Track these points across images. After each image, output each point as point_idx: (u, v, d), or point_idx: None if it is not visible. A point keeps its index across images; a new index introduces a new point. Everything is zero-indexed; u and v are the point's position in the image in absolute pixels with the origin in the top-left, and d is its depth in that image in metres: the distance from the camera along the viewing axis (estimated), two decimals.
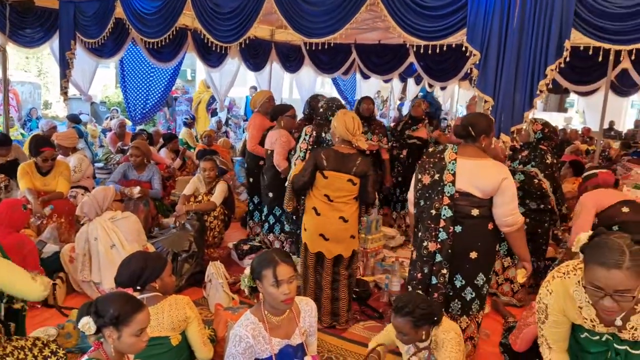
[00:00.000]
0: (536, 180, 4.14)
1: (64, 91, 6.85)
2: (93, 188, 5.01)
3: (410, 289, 3.26)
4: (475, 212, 3.02)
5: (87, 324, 2.01)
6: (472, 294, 3.14)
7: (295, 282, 2.34)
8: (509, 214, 2.98)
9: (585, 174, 4.16)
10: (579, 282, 2.02)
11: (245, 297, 4.12)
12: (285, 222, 4.92)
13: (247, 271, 2.42)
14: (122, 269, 2.64)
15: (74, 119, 8.09)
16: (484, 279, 3.14)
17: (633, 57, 3.83)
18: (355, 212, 3.66)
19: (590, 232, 1.94)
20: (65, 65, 6.56)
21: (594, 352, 2.10)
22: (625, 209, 3.56)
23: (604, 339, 2.05)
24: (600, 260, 1.78)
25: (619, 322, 1.92)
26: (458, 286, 3.13)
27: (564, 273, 2.09)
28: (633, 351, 2.02)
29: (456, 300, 3.16)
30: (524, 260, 3.17)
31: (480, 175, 2.99)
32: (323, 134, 4.14)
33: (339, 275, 3.71)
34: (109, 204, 4.10)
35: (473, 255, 3.06)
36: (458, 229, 3.04)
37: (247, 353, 2.30)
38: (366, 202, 3.70)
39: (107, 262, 3.87)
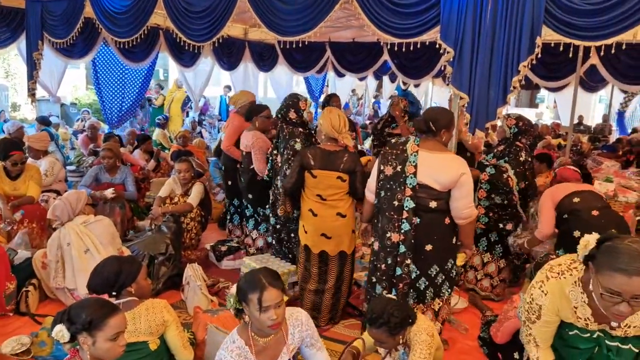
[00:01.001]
0: (505, 175, 4.16)
1: (31, 93, 6.69)
2: (65, 192, 4.89)
3: (374, 280, 3.30)
4: (433, 204, 3.08)
5: (60, 332, 1.97)
6: (425, 282, 3.21)
7: (283, 306, 2.27)
8: (465, 207, 3.07)
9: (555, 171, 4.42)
10: (575, 282, 2.01)
11: (225, 299, 4.10)
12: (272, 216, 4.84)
13: (233, 290, 2.33)
14: (95, 275, 2.57)
15: (43, 121, 7.88)
16: (437, 269, 3.20)
17: (602, 53, 3.92)
18: (351, 207, 3.67)
19: (598, 236, 1.90)
20: (32, 66, 6.41)
21: (582, 349, 2.11)
22: (576, 199, 3.76)
23: (595, 335, 2.07)
24: (620, 267, 1.75)
25: (615, 324, 1.95)
26: (413, 277, 3.19)
27: (558, 273, 2.06)
28: (623, 346, 2.05)
29: (411, 290, 3.22)
30: (467, 247, 3.33)
31: (440, 168, 3.05)
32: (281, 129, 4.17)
33: (342, 274, 3.73)
34: (81, 208, 4.01)
35: (428, 247, 3.14)
36: (417, 220, 3.11)
37: None
38: (356, 198, 3.69)
39: (82, 268, 3.79)
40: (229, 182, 5.35)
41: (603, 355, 2.08)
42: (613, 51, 3.70)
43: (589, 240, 1.89)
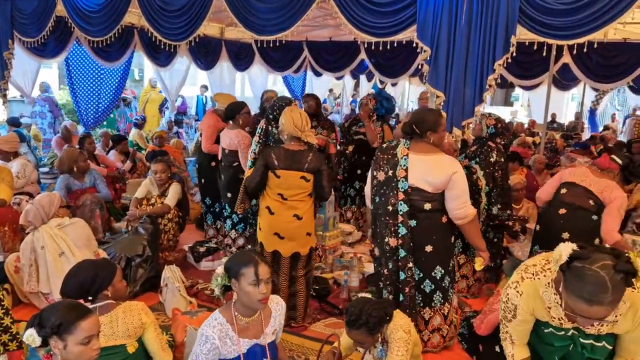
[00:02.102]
0: (475, 177, 4.18)
1: (3, 93, 6.54)
2: (39, 194, 4.78)
3: (381, 285, 3.30)
4: (427, 206, 3.09)
5: (31, 336, 1.93)
6: (431, 286, 3.20)
7: (270, 283, 2.35)
8: (459, 207, 3.07)
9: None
10: (548, 283, 2.04)
11: (204, 301, 4.07)
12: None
13: (220, 270, 2.39)
14: (69, 280, 2.51)
15: (13, 123, 7.71)
16: (442, 271, 3.19)
17: (574, 52, 4.00)
18: (310, 209, 3.63)
19: (571, 250, 1.87)
20: (3, 65, 6.26)
21: (557, 346, 2.15)
22: (564, 190, 3.85)
23: (569, 333, 2.11)
24: (584, 296, 1.76)
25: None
26: (417, 279, 3.19)
27: (532, 274, 2.09)
28: (597, 344, 2.09)
29: (417, 293, 3.21)
30: (480, 250, 3.26)
31: (430, 170, 3.05)
32: (270, 127, 4.14)
33: (296, 274, 3.69)
34: (55, 210, 3.92)
35: (428, 248, 3.13)
36: (413, 223, 3.11)
37: (211, 354, 2.31)
38: (322, 198, 3.66)
39: (56, 271, 3.71)
40: (202, 180, 5.32)
41: (578, 353, 2.13)
42: (585, 50, 3.77)
43: (561, 254, 1.86)
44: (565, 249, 1.86)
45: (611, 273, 1.74)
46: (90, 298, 2.49)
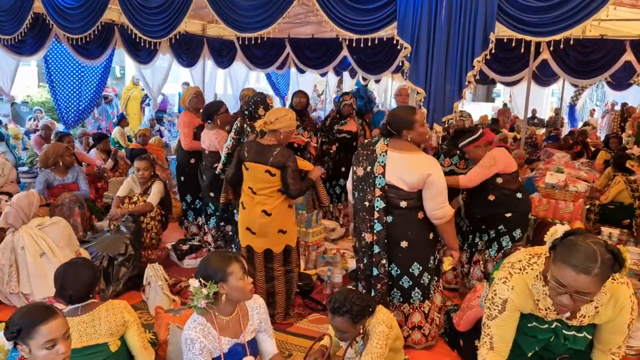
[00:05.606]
0: None
1: None
2: (18, 193, 4.72)
3: (357, 278, 3.34)
4: (403, 203, 3.10)
5: (2, 338, 1.92)
6: (409, 282, 3.21)
7: None
8: (437, 207, 3.06)
9: (473, 137, 3.92)
10: (537, 276, 2.08)
11: (187, 298, 4.06)
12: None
13: (197, 284, 2.30)
14: (72, 284, 2.46)
15: None
16: (420, 268, 3.18)
17: (552, 49, 4.06)
18: (280, 206, 3.54)
19: (567, 227, 1.96)
20: None
21: (540, 338, 2.18)
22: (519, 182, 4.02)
23: (553, 326, 2.15)
24: (572, 263, 1.82)
25: (567, 315, 2.05)
26: (394, 275, 3.21)
27: (520, 269, 2.12)
28: (578, 334, 2.14)
29: (395, 289, 3.24)
30: (453, 249, 3.27)
31: (407, 169, 3.06)
32: (244, 125, 4.15)
33: (273, 272, 3.68)
34: (35, 210, 3.87)
35: (404, 244, 3.14)
36: (389, 219, 3.12)
37: (205, 352, 2.30)
38: (288, 194, 3.53)
39: (37, 272, 3.68)
40: (182, 178, 5.29)
41: (560, 344, 2.17)
42: (562, 46, 3.84)
43: (557, 230, 1.95)
44: (560, 227, 1.97)
45: (602, 249, 1.82)
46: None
